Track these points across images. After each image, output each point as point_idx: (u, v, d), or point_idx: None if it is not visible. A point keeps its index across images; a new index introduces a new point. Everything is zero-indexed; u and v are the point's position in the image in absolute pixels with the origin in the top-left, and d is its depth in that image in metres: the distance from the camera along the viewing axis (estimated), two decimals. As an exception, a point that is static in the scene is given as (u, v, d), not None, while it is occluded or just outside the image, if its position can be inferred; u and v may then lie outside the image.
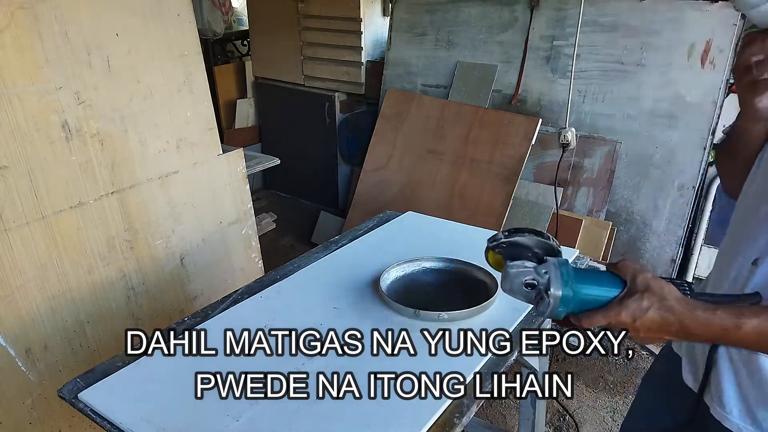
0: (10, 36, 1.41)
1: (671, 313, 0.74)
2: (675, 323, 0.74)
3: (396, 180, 3.21)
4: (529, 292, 0.82)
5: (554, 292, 0.78)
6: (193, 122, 1.91)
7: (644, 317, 0.74)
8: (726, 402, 0.91)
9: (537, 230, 0.91)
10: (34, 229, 1.52)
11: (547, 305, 0.79)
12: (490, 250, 0.92)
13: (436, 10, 3.15)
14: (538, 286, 0.80)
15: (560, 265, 0.80)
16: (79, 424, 1.69)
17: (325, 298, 1.35)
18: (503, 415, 2.31)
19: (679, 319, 0.74)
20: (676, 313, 0.74)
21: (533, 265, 0.82)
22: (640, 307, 0.74)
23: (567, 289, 0.78)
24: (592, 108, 2.72)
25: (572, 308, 0.79)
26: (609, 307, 0.77)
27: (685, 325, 0.74)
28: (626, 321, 0.75)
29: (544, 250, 0.88)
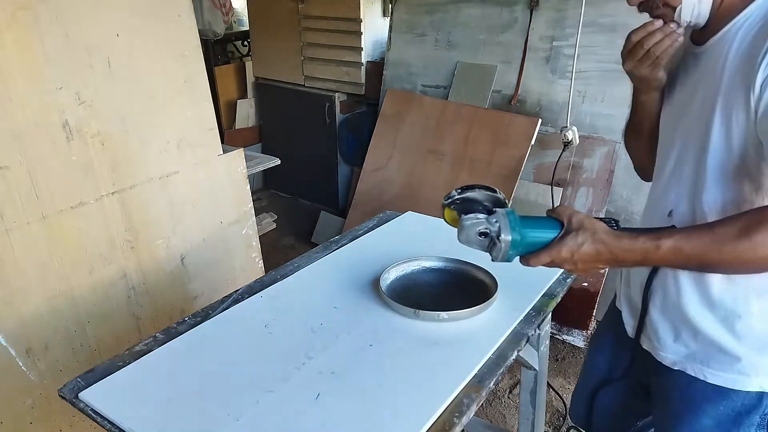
0: (11, 36, 1.42)
1: (602, 244, 0.85)
2: (605, 252, 0.85)
3: (396, 180, 3.21)
4: (483, 240, 0.92)
5: (504, 237, 0.89)
6: (193, 122, 1.91)
7: (580, 251, 0.86)
8: (660, 336, 1.04)
9: (486, 185, 1.03)
10: (34, 229, 1.52)
11: (499, 250, 0.90)
12: (446, 208, 1.04)
13: (436, 11, 3.16)
14: (491, 233, 0.91)
15: (508, 214, 0.91)
16: (80, 423, 1.69)
17: (325, 297, 1.35)
18: (503, 414, 2.31)
19: (609, 248, 0.85)
20: (605, 243, 0.85)
21: (485, 216, 0.92)
22: (576, 243, 0.86)
23: (515, 234, 0.89)
24: (591, 108, 2.72)
25: (521, 251, 0.90)
26: (551, 246, 0.88)
27: (614, 253, 0.85)
28: (566, 256, 0.87)
29: (493, 202, 1.00)
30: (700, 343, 0.98)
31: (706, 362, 0.98)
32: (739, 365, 0.95)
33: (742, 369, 0.95)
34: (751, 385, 0.95)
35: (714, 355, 0.97)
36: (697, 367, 0.99)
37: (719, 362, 0.96)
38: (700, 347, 0.98)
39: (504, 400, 2.38)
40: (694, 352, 0.99)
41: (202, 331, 1.24)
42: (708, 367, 0.98)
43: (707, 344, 0.97)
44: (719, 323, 0.95)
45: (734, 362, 0.95)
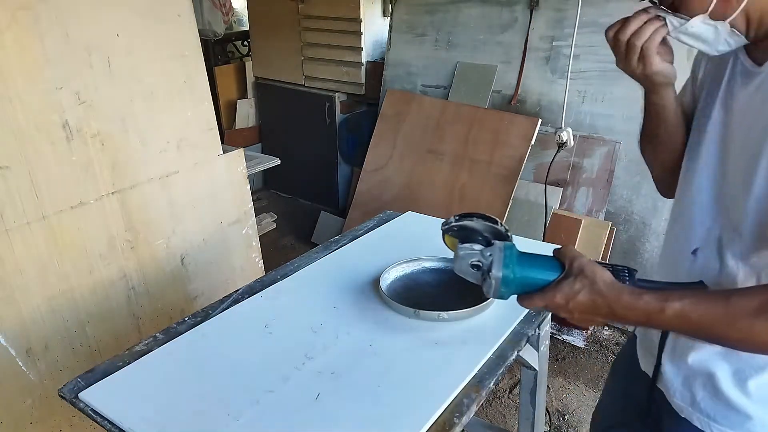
0: (11, 36, 1.42)
1: (600, 296, 0.76)
2: (603, 306, 0.76)
3: (396, 180, 3.21)
4: (476, 273, 0.87)
5: (495, 273, 0.83)
6: (193, 122, 1.91)
7: (576, 299, 0.77)
8: (669, 378, 0.95)
9: (486, 215, 0.99)
10: (34, 229, 1.52)
11: (489, 285, 0.84)
12: (445, 234, 1.02)
13: (436, 11, 3.16)
14: (483, 267, 0.85)
15: (505, 249, 0.85)
16: (80, 423, 1.69)
17: (325, 297, 1.35)
18: (503, 414, 2.31)
19: (607, 302, 0.76)
20: (604, 296, 0.76)
21: (480, 247, 0.87)
22: (573, 290, 0.78)
23: (507, 271, 0.82)
24: (591, 108, 2.72)
25: (515, 289, 0.84)
26: (546, 290, 0.80)
27: (613, 308, 0.76)
28: (560, 303, 0.79)
29: (494, 234, 0.98)
30: (708, 392, 0.91)
31: (713, 416, 0.90)
32: (749, 424, 0.87)
33: (751, 428, 0.87)
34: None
35: (721, 410, 0.89)
36: (704, 420, 0.91)
37: (727, 418, 0.89)
38: (707, 397, 0.91)
39: (504, 400, 2.38)
40: (700, 402, 0.92)
41: (202, 331, 1.24)
42: (715, 422, 0.90)
43: (715, 395, 0.90)
44: (731, 376, 0.88)
45: (744, 420, 0.88)
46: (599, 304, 0.77)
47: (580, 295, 0.77)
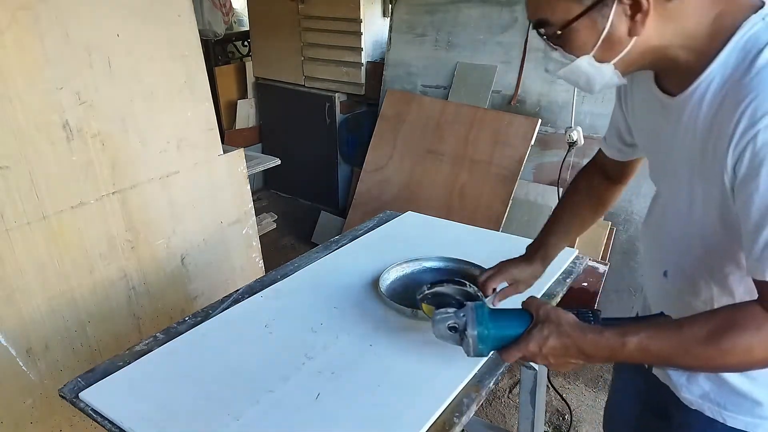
0: (11, 36, 1.42)
1: (567, 337, 0.82)
2: (572, 346, 0.82)
3: (396, 180, 3.21)
4: (454, 336, 0.92)
5: (470, 332, 0.89)
6: (193, 122, 1.91)
7: (546, 344, 0.83)
8: (673, 375, 0.97)
9: (457, 279, 1.07)
10: (34, 229, 1.52)
11: (468, 344, 0.89)
12: (422, 303, 1.10)
13: (436, 11, 3.16)
14: (459, 328, 0.91)
15: (476, 308, 0.90)
16: (80, 423, 1.69)
17: (325, 298, 1.35)
18: (503, 414, 2.31)
19: (575, 342, 0.81)
20: (570, 336, 0.82)
21: (453, 310, 0.93)
22: (542, 335, 0.83)
23: (482, 328, 0.88)
24: (592, 108, 2.72)
25: (493, 345, 0.89)
26: (520, 341, 0.86)
27: (581, 348, 0.81)
28: (534, 350, 0.84)
29: (465, 296, 1.04)
30: (714, 384, 0.92)
31: (723, 404, 0.91)
32: (759, 409, 0.89)
33: (762, 413, 0.88)
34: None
35: (730, 397, 0.90)
36: (715, 409, 0.92)
37: (737, 405, 0.90)
38: (714, 388, 0.92)
39: (504, 399, 2.38)
40: (708, 393, 0.93)
41: (203, 331, 1.24)
42: (725, 410, 0.91)
43: (722, 385, 0.91)
44: None
45: (753, 406, 0.89)
46: (568, 345, 0.82)
47: (549, 340, 0.83)
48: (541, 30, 0.80)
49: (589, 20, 0.75)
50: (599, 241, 2.64)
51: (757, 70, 0.70)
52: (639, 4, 0.73)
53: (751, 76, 0.71)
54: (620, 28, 0.75)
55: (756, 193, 0.70)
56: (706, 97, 0.77)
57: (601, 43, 0.77)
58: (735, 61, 0.73)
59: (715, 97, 0.76)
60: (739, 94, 0.71)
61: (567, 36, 0.78)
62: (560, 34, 0.78)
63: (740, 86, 0.71)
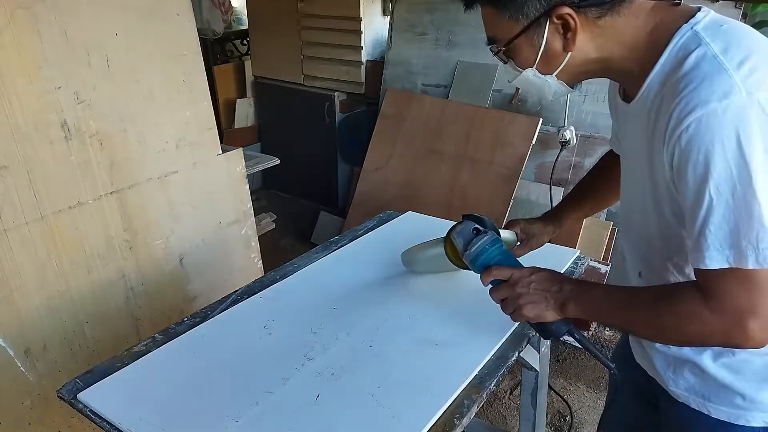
0: (10, 35, 1.41)
1: (557, 274, 0.95)
2: (558, 280, 0.94)
3: (396, 180, 3.20)
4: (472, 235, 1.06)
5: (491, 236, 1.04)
6: (192, 122, 1.91)
7: (539, 272, 0.95)
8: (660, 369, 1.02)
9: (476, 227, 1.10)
10: (33, 229, 1.51)
11: (480, 239, 1.03)
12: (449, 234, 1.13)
13: (437, 10, 3.15)
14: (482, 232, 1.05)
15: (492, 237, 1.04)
16: (79, 424, 1.69)
17: (324, 298, 1.35)
18: (504, 415, 2.31)
19: (562, 278, 0.94)
20: (560, 274, 0.96)
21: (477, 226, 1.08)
22: (536, 267, 0.97)
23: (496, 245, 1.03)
24: (592, 108, 2.71)
25: (494, 256, 1.02)
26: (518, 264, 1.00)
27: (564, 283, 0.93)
28: (525, 273, 0.96)
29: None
30: (697, 377, 0.96)
31: (707, 397, 0.95)
32: (740, 400, 0.92)
33: (744, 404, 0.92)
34: (755, 420, 0.92)
35: (713, 389, 0.94)
36: (700, 401, 0.96)
37: (720, 397, 0.94)
38: (699, 381, 0.96)
39: (505, 401, 2.38)
40: (693, 386, 0.97)
41: (201, 332, 1.24)
42: (710, 402, 0.95)
43: (705, 378, 0.94)
44: (713, 359, 0.93)
45: (736, 397, 0.92)
46: (557, 278, 0.94)
47: (542, 271, 0.96)
48: (492, 46, 0.92)
49: (527, 38, 0.86)
50: (601, 241, 2.64)
51: (684, 73, 0.76)
52: (567, 24, 0.82)
53: (678, 78, 0.76)
54: (555, 44, 0.85)
55: (686, 189, 0.76)
56: (648, 100, 0.83)
57: (540, 57, 0.88)
58: (670, 67, 0.79)
59: (653, 102, 0.82)
60: (670, 97, 0.77)
61: (511, 51, 0.90)
62: (505, 50, 0.90)
63: (671, 90, 0.77)
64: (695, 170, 0.73)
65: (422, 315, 1.26)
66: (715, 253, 0.74)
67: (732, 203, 0.72)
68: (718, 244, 0.73)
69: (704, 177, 0.73)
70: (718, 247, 0.73)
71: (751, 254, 0.72)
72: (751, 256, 0.72)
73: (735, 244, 0.72)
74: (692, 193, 0.75)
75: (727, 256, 0.73)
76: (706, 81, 0.73)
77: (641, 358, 1.08)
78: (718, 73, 0.73)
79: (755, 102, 0.71)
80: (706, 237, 0.74)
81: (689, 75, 0.75)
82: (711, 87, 0.72)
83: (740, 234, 0.72)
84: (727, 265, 0.73)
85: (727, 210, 0.72)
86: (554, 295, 0.92)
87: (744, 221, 0.71)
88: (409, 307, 1.30)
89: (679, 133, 0.74)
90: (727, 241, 0.73)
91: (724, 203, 0.72)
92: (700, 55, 0.76)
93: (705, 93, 0.72)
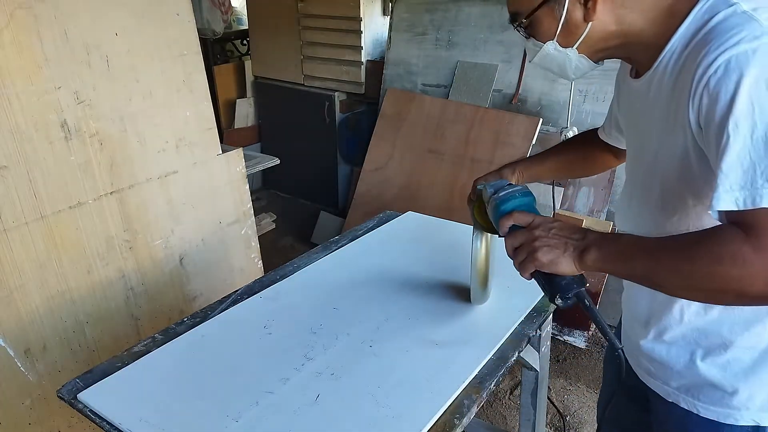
0: (9, 36, 1.41)
1: (583, 228, 0.88)
2: (580, 230, 0.87)
3: (396, 180, 3.20)
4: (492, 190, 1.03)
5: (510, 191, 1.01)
6: (192, 122, 1.91)
7: (560, 222, 0.90)
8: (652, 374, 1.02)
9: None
10: (33, 229, 1.51)
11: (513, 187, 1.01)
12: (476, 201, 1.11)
13: (437, 10, 3.15)
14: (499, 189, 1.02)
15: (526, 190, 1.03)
16: (79, 424, 1.69)
17: (324, 298, 1.35)
18: (503, 416, 2.31)
19: (583, 227, 0.88)
20: (587, 228, 0.88)
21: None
22: (558, 219, 0.94)
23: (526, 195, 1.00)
24: (593, 108, 2.71)
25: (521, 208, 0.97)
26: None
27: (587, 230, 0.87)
28: (548, 219, 0.91)
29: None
30: (687, 376, 0.96)
31: (696, 396, 0.95)
32: (729, 399, 0.92)
33: (732, 403, 0.92)
34: (744, 419, 0.92)
35: (703, 388, 0.94)
36: (690, 401, 0.96)
37: (709, 396, 0.94)
38: (688, 381, 0.96)
39: (505, 401, 2.38)
40: (683, 385, 0.97)
41: (201, 332, 1.24)
42: (699, 401, 0.95)
43: (694, 377, 0.94)
44: (702, 357, 0.93)
45: (724, 396, 0.92)
46: (581, 229, 0.87)
47: (560, 223, 0.90)
48: (515, 22, 0.93)
49: (548, 9, 0.88)
50: (600, 240, 2.63)
51: (712, 27, 0.76)
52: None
53: (705, 32, 0.76)
54: (575, 14, 0.86)
55: (711, 134, 0.73)
56: (668, 66, 0.83)
57: (561, 28, 0.88)
58: (694, 28, 0.79)
59: (676, 62, 0.81)
60: (696, 52, 0.76)
61: (533, 25, 0.91)
62: (527, 23, 0.91)
63: (697, 46, 0.77)
64: (721, 110, 0.71)
65: (422, 315, 1.26)
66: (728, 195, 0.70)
67: (750, 142, 0.69)
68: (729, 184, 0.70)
69: (726, 115, 0.70)
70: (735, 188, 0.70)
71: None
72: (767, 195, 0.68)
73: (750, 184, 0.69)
74: (714, 135, 0.72)
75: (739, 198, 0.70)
76: (735, 29, 0.72)
77: (632, 357, 1.08)
78: (748, 22, 0.72)
79: None
80: (718, 177, 0.70)
81: (717, 27, 0.74)
82: (741, 33, 0.71)
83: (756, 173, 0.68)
84: (735, 208, 0.70)
85: (743, 149, 0.69)
86: (575, 242, 0.85)
87: (762, 160, 0.68)
88: (409, 307, 1.30)
89: (707, 78, 0.72)
90: (740, 182, 0.69)
91: (741, 141, 0.69)
92: (729, 12, 0.75)
93: (735, 38, 0.71)
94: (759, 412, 0.91)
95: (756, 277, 0.68)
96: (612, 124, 1.16)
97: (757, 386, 0.90)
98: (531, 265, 0.88)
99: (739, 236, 0.69)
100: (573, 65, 0.93)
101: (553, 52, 0.92)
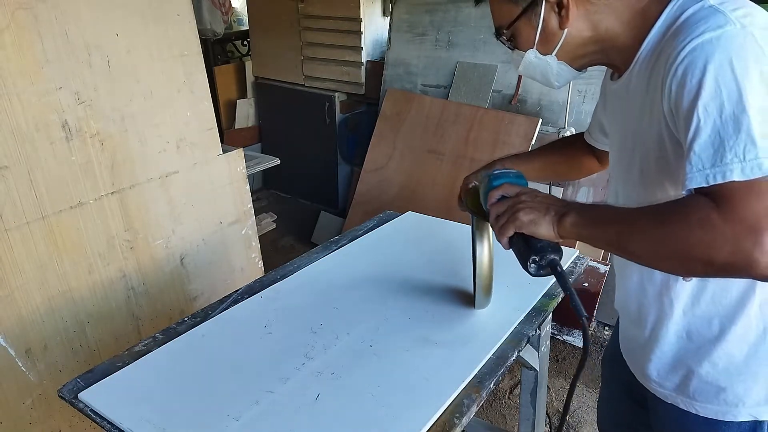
0: (10, 36, 1.41)
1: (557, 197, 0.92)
2: (558, 201, 0.90)
3: (396, 180, 3.20)
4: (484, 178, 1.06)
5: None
6: (193, 122, 1.91)
7: (540, 192, 0.93)
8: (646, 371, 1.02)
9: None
10: (34, 229, 1.52)
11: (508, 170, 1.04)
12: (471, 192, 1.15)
13: (436, 10, 3.15)
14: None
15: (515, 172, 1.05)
16: (79, 424, 1.69)
17: (325, 298, 1.35)
18: (503, 415, 2.31)
19: (561, 199, 0.91)
20: (560, 198, 0.92)
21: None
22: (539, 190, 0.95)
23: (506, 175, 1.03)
24: (592, 108, 2.70)
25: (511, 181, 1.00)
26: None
27: (564, 201, 0.90)
28: (527, 189, 0.95)
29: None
30: (682, 376, 0.97)
31: (693, 396, 0.96)
32: (724, 396, 0.93)
33: (728, 399, 0.93)
34: (742, 415, 0.92)
35: (698, 388, 0.95)
36: (687, 401, 0.97)
37: (704, 394, 0.95)
38: (684, 381, 0.97)
39: (504, 400, 2.38)
40: (679, 386, 0.98)
41: (202, 332, 1.24)
42: (696, 401, 0.96)
43: (689, 376, 0.95)
44: (694, 354, 0.94)
45: (719, 393, 0.93)
46: (564, 200, 0.91)
47: (536, 192, 0.93)
48: (499, 36, 0.97)
49: (526, 19, 0.92)
50: (599, 241, 2.64)
51: (681, 22, 0.79)
52: (561, 2, 0.87)
53: (676, 27, 0.80)
54: (551, 22, 0.90)
55: (681, 119, 0.76)
56: (644, 65, 0.86)
57: (539, 37, 0.92)
58: (666, 26, 0.82)
59: (650, 60, 0.85)
60: (668, 46, 0.79)
61: (515, 36, 0.95)
62: (509, 34, 0.95)
63: (669, 41, 0.80)
64: (689, 96, 0.74)
65: (422, 315, 1.27)
66: (700, 174, 0.72)
67: (719, 122, 0.71)
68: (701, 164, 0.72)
69: (695, 99, 0.73)
70: (706, 166, 0.72)
71: (737, 167, 0.70)
72: (737, 169, 0.70)
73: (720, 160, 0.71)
74: (684, 119, 0.75)
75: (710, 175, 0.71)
76: (701, 21, 0.76)
77: (629, 359, 1.10)
78: (713, 14, 0.76)
79: (749, 33, 0.73)
80: (690, 158, 0.73)
81: (686, 22, 0.78)
82: (706, 24, 0.75)
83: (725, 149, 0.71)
84: (705, 184, 0.72)
85: (713, 129, 0.71)
86: (555, 207, 0.88)
87: (731, 137, 0.70)
88: (409, 307, 1.30)
89: (675, 66, 0.75)
90: (710, 161, 0.71)
91: (711, 122, 0.72)
92: (697, 8, 0.78)
93: (700, 29, 0.75)
94: (756, 406, 0.92)
95: (723, 244, 0.70)
96: (596, 127, 1.19)
97: (752, 381, 0.91)
98: (511, 226, 0.90)
99: (709, 205, 0.72)
100: (554, 72, 0.96)
101: (535, 60, 0.95)
